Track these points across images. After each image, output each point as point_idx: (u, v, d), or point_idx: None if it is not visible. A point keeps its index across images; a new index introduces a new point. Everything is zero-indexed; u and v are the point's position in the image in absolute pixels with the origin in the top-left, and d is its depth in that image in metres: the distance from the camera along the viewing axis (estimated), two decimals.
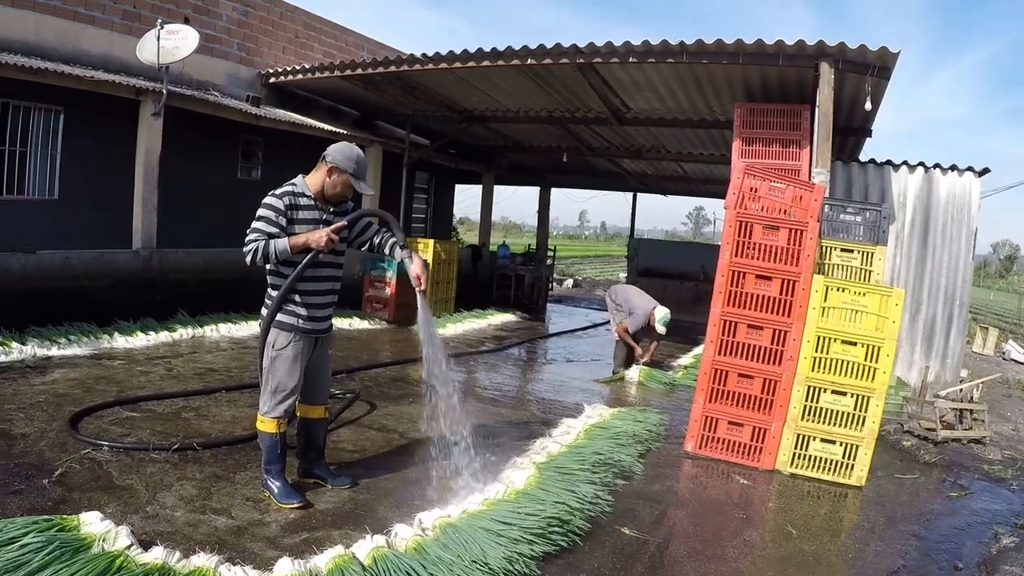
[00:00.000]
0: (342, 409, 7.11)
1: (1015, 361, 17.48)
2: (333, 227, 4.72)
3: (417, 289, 4.88)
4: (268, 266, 4.75)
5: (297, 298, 4.80)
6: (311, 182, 4.87)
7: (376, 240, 5.15)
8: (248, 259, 4.62)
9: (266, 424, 4.89)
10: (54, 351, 8.55)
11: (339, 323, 12.27)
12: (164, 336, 9.95)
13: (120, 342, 9.35)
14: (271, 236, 4.62)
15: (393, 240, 5.06)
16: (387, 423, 7.05)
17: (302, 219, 4.76)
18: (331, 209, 4.93)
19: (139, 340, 9.58)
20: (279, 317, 4.80)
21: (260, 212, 4.67)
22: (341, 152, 4.84)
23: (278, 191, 4.75)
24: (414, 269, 4.84)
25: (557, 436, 6.74)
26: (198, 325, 10.67)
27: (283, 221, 4.68)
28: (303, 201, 4.79)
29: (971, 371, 12.11)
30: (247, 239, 4.62)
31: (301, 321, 4.83)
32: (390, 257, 5.18)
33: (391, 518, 4.71)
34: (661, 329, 10.12)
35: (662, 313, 10.10)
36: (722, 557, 4.72)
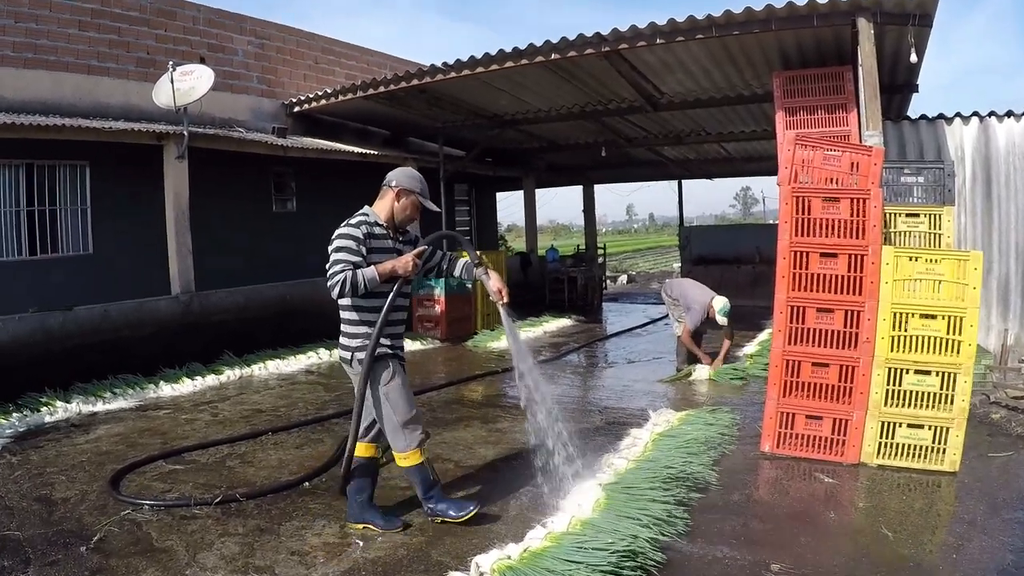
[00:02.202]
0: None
1: None
2: (416, 252, 4.79)
3: (500, 304, 4.95)
4: (343, 301, 4.76)
5: (389, 328, 4.78)
6: (379, 210, 4.90)
7: (444, 265, 5.22)
8: (336, 291, 4.56)
9: (410, 458, 4.83)
10: (99, 406, 8.45)
11: None
12: (211, 380, 9.79)
13: (166, 390, 9.21)
14: (356, 266, 4.60)
15: (464, 262, 5.18)
16: (441, 452, 6.64)
17: (377, 248, 4.77)
18: (400, 237, 4.96)
19: (185, 387, 9.42)
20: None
21: (339, 243, 4.65)
22: (404, 174, 4.93)
23: (353, 221, 4.77)
24: (493, 284, 4.92)
25: (623, 450, 6.30)
26: (245, 365, 10.48)
27: (364, 250, 4.67)
28: (377, 230, 4.82)
29: None
30: (331, 271, 4.58)
31: (389, 349, 4.82)
32: (462, 279, 5.36)
33: (447, 564, 4.36)
34: (722, 320, 9.63)
35: (721, 304, 9.61)
36: (815, 574, 4.27)
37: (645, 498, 5.02)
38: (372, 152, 13.64)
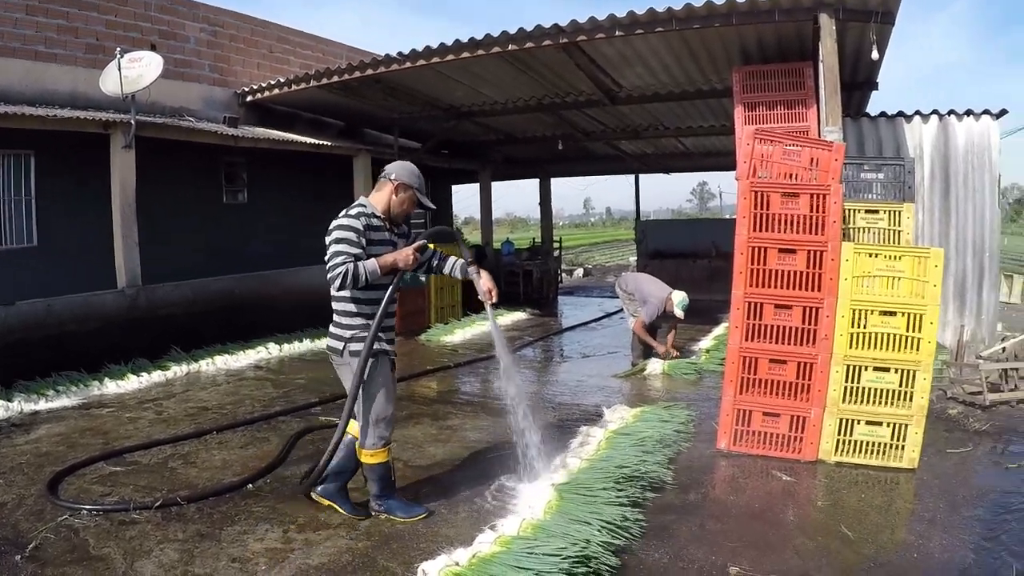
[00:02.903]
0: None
1: None
2: (416, 246, 4.78)
3: (488, 303, 4.98)
4: (340, 292, 4.70)
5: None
6: (376, 201, 4.87)
7: (435, 261, 5.18)
8: (337, 283, 4.52)
9: (377, 456, 4.82)
10: (42, 404, 8.12)
11: None
12: (157, 376, 9.45)
13: (111, 388, 8.88)
14: (357, 258, 4.55)
15: (455, 260, 5.19)
16: None
17: (375, 240, 4.73)
18: (395, 229, 4.94)
19: (131, 383, 9.09)
20: (363, 346, 4.68)
21: (339, 235, 4.60)
22: (404, 168, 4.90)
23: (352, 212, 4.72)
24: (484, 284, 4.95)
25: (577, 448, 6.18)
26: (192, 360, 10.17)
27: (364, 242, 4.63)
28: (375, 222, 4.78)
29: (1005, 324, 11.56)
30: (332, 262, 4.53)
31: (383, 344, 4.79)
32: (453, 276, 5.22)
33: (393, 570, 4.21)
34: (680, 314, 9.62)
35: (680, 298, 9.59)
36: None
37: (599, 500, 4.90)
38: (326, 143, 13.36)
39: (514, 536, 4.33)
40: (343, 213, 4.72)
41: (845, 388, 5.94)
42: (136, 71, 10.14)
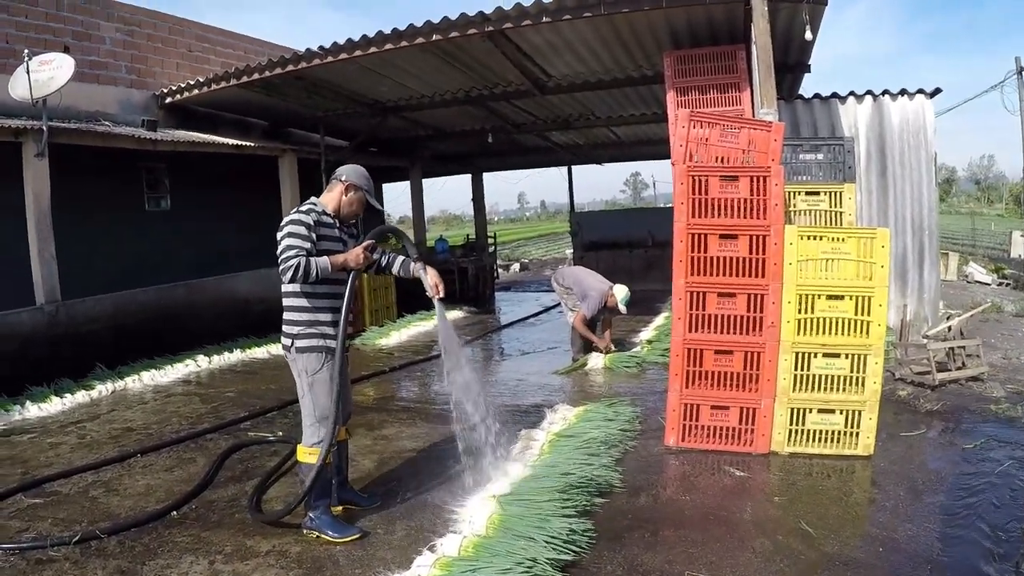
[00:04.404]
0: (279, 464, 6.16)
1: (979, 283, 17.16)
2: (364, 245, 4.77)
3: (435, 298, 5.00)
4: (290, 288, 4.72)
5: (327, 317, 4.75)
6: (327, 201, 4.90)
7: (383, 261, 5.18)
8: (288, 275, 4.50)
9: (316, 455, 4.62)
10: None
11: (272, 348, 11.39)
12: (81, 396, 8.92)
13: (33, 411, 8.33)
14: (308, 252, 4.56)
15: (402, 259, 5.18)
16: None
17: (325, 236, 4.75)
18: (345, 229, 4.98)
19: (54, 406, 8.55)
20: (310, 342, 4.72)
21: (291, 229, 4.60)
22: (355, 171, 4.96)
23: (303, 208, 4.75)
24: (431, 279, 4.98)
25: (518, 454, 5.92)
26: (118, 377, 9.65)
27: (314, 236, 4.64)
28: (326, 219, 4.80)
29: (945, 301, 11.59)
30: (285, 255, 4.52)
31: (330, 341, 4.75)
32: (400, 275, 5.19)
33: None
34: (623, 309, 9.47)
35: (623, 293, 9.44)
36: None
37: (544, 511, 4.61)
38: (248, 144, 12.88)
39: (455, 557, 4.03)
40: (295, 210, 4.74)
41: (795, 376, 5.77)
42: (47, 74, 9.64)
